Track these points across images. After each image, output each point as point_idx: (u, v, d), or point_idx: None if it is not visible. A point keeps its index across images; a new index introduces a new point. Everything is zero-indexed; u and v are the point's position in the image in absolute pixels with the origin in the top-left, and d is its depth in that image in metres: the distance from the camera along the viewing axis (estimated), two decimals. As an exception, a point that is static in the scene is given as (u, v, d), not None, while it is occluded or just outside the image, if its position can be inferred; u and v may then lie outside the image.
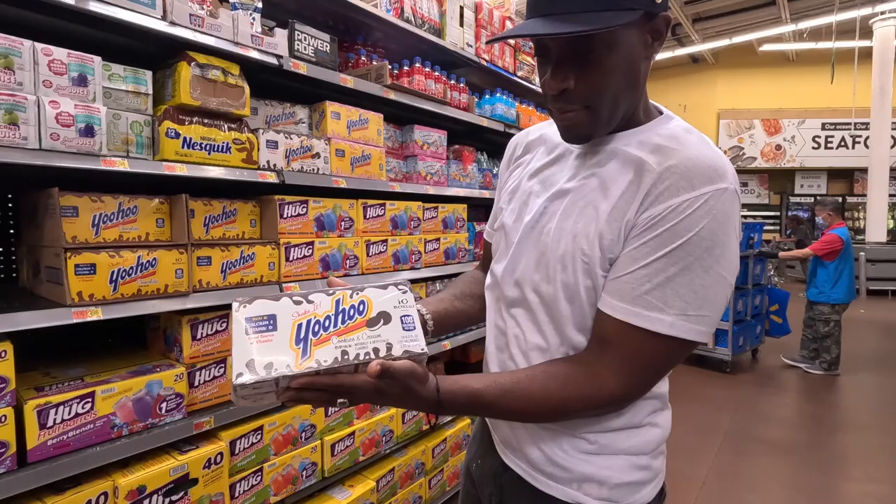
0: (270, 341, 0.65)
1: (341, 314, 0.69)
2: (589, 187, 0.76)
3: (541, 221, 0.81)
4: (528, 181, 0.88)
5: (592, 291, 0.74)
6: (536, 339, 0.81)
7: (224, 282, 1.48)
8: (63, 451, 1.19)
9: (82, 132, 1.15)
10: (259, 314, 0.66)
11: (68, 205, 1.24)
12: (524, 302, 0.82)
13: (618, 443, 0.79)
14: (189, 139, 1.37)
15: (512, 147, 0.99)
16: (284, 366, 0.63)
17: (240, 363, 0.63)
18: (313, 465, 1.74)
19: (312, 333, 0.67)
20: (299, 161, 1.66)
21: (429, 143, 2.23)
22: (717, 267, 0.68)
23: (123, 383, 1.28)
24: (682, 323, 0.68)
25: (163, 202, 1.42)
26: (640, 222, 0.70)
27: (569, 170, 0.82)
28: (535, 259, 0.80)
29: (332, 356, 0.65)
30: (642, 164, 0.72)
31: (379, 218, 1.97)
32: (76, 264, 1.17)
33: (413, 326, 0.70)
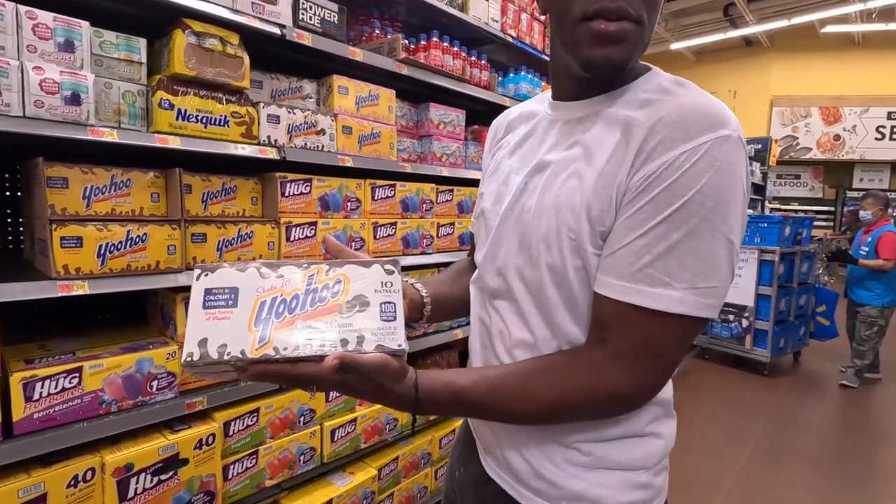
0: (227, 318, 0.57)
1: (312, 294, 0.60)
2: (572, 156, 0.68)
3: (521, 200, 0.72)
4: (508, 160, 0.80)
5: (583, 272, 0.65)
6: (522, 333, 0.72)
7: (220, 260, 1.44)
8: (50, 425, 1.18)
9: (68, 100, 1.11)
10: (220, 286, 0.59)
11: (57, 175, 1.21)
12: (508, 292, 0.74)
13: (615, 455, 0.69)
14: (184, 111, 1.32)
15: (493, 130, 0.91)
16: (238, 350, 0.56)
17: (192, 340, 0.56)
18: (312, 450, 1.71)
19: (275, 315, 0.58)
20: (303, 137, 1.59)
21: (445, 122, 2.13)
22: (723, 228, 0.58)
23: (113, 359, 1.26)
24: (692, 297, 0.58)
25: (158, 176, 1.38)
26: (633, 185, 0.60)
27: (549, 141, 0.73)
28: (516, 242, 0.72)
29: (293, 344, 0.57)
30: (629, 121, 0.63)
31: (388, 199, 1.89)
32: (62, 237, 1.15)
33: (393, 316, 0.61)
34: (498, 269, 0.76)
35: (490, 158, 0.88)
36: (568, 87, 0.73)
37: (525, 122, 0.82)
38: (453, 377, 0.66)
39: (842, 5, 9.04)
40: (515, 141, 0.81)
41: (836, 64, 11.22)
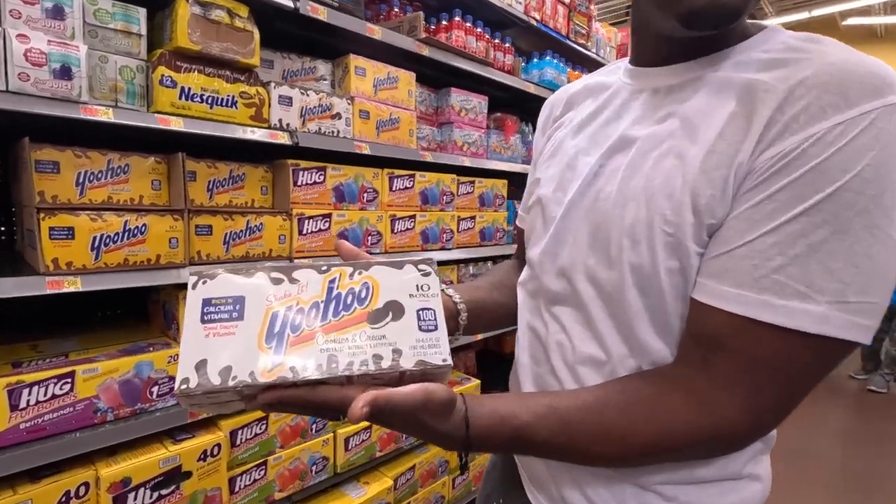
0: (233, 334, 0.47)
1: (334, 301, 0.50)
2: (665, 131, 0.55)
3: (595, 185, 0.61)
4: (572, 139, 0.68)
5: (679, 276, 0.52)
6: (590, 347, 0.60)
7: (227, 254, 1.32)
8: (38, 436, 1.07)
9: (57, 74, 0.99)
10: (222, 295, 0.48)
11: (47, 159, 1.09)
12: (573, 296, 0.62)
13: (704, 501, 0.57)
14: (187, 89, 1.19)
15: (548, 108, 0.79)
16: (247, 373, 0.45)
17: (187, 363, 0.46)
18: (324, 459, 1.59)
19: (291, 328, 0.48)
20: (317, 121, 1.46)
21: (467, 108, 1.99)
22: (886, 225, 0.44)
23: (109, 363, 1.14)
24: (839, 314, 0.44)
25: (159, 161, 1.26)
26: (761, 166, 0.47)
27: (631, 114, 0.61)
28: (587, 236, 0.60)
29: (315, 363, 0.46)
30: (752, 85, 0.50)
31: (407, 191, 1.76)
32: (51, 227, 1.03)
33: (434, 325, 0.51)
34: (561, 268, 0.63)
35: (545, 140, 0.76)
36: (656, 50, 0.59)
37: (593, 96, 0.69)
38: (513, 408, 0.54)
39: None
40: (581, 118, 0.69)
41: (856, 58, 10.92)
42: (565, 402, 0.54)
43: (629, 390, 0.53)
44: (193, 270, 0.51)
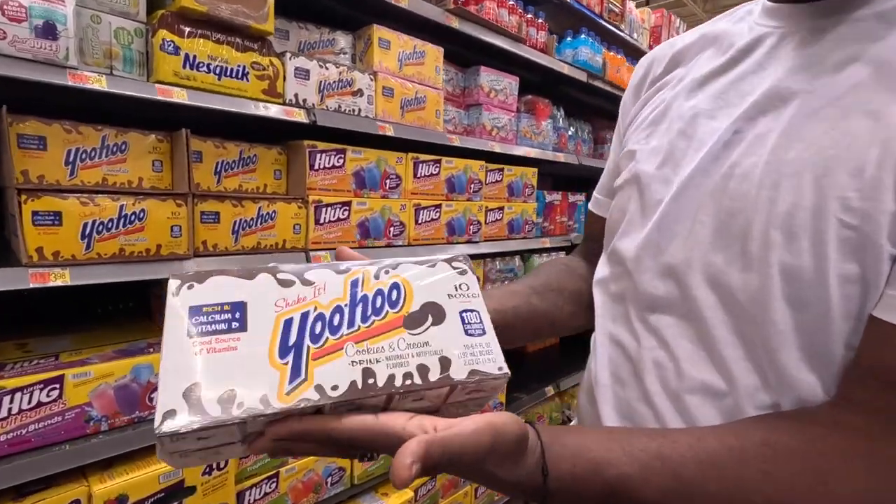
0: (234, 349, 0.36)
1: (361, 304, 0.40)
2: (848, 81, 0.41)
3: (726, 157, 0.46)
4: (686, 100, 0.54)
5: (857, 287, 0.38)
6: (704, 372, 0.46)
7: (236, 245, 1.17)
8: (23, 449, 0.94)
9: (39, 31, 0.85)
10: (215, 301, 0.37)
11: (32, 133, 0.95)
12: (682, 304, 0.49)
13: None
14: (192, 57, 1.05)
15: (645, 65, 0.64)
16: (257, 397, 0.34)
17: (171, 391, 0.33)
18: (340, 470, 1.45)
19: (311, 338, 0.37)
20: (336, 98, 1.31)
21: (497, 89, 1.83)
22: None
23: (103, 367, 1.01)
24: None
25: (161, 139, 1.12)
26: None
27: (782, 64, 0.46)
28: (712, 226, 0.47)
29: (347, 379, 0.36)
30: None
31: (433, 177, 1.61)
32: (34, 211, 0.89)
33: (482, 329, 0.42)
34: (667, 267, 0.50)
35: (639, 106, 0.62)
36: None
37: (714, 46, 0.55)
38: (607, 452, 0.40)
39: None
40: (699, 74, 0.54)
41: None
42: (680, 448, 0.40)
43: (778, 444, 0.39)
44: (174, 274, 0.38)
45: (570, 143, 2.30)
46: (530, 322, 0.63)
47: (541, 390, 2.10)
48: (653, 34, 2.95)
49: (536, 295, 0.65)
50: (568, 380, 2.22)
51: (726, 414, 0.45)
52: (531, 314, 0.63)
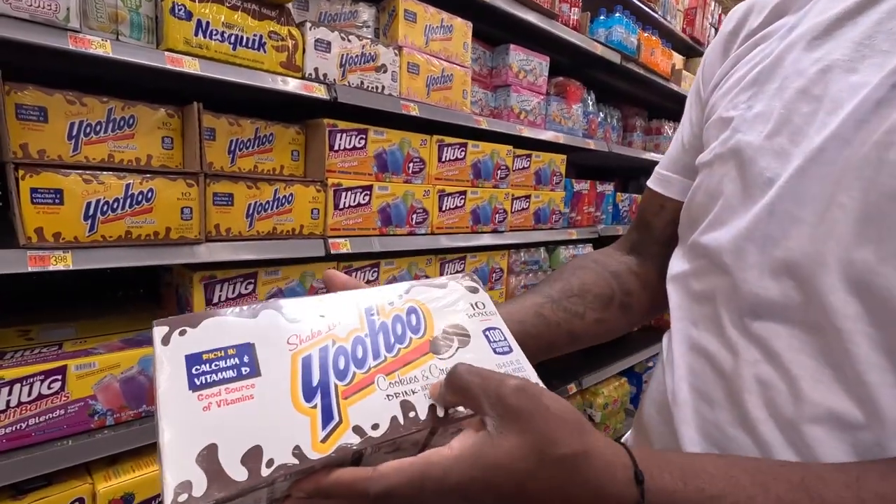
0: (250, 398, 0.31)
1: (382, 333, 0.37)
2: None
3: (879, 121, 0.36)
4: (808, 51, 0.43)
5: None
6: (834, 399, 0.37)
7: (250, 230, 1.09)
8: (22, 444, 0.88)
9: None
10: (216, 346, 0.33)
11: (32, 104, 0.87)
12: (805, 310, 0.39)
13: None
14: (205, 24, 0.96)
15: (739, 14, 0.53)
16: (289, 450, 0.29)
17: (182, 459, 0.28)
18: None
19: (336, 374, 0.34)
20: (358, 74, 1.22)
21: (527, 70, 1.72)
22: None
23: (108, 357, 0.94)
24: None
25: (171, 114, 1.04)
26: None
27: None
28: (859, 209, 0.37)
29: (387, 416, 0.33)
30: None
31: (458, 162, 1.51)
32: (33, 188, 0.82)
33: (508, 347, 0.40)
34: (785, 263, 0.40)
35: (731, 63, 0.51)
36: None
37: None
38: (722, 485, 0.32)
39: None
40: (823, 18, 0.43)
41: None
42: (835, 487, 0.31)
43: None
44: (158, 320, 0.33)
45: (599, 130, 2.18)
46: (540, 338, 0.55)
47: (562, 388, 2.01)
48: (686, 17, 2.80)
49: (551, 304, 0.57)
50: (590, 377, 2.13)
51: (861, 453, 0.36)
52: (541, 328, 0.55)
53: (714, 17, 3.07)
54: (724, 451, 0.44)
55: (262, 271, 1.16)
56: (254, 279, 1.15)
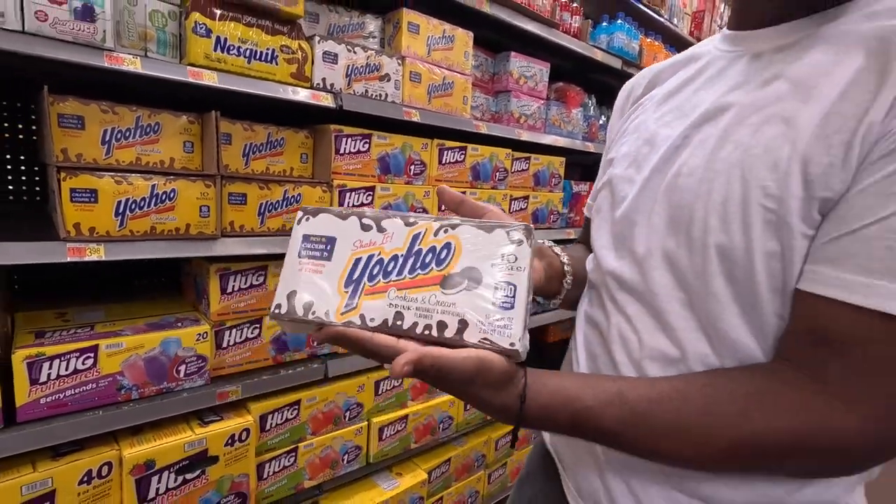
0: (320, 272, 0.50)
1: (413, 258, 0.48)
2: (771, 95, 0.49)
3: (676, 158, 0.55)
4: (653, 113, 0.63)
5: (778, 262, 0.46)
6: (660, 342, 0.54)
7: (262, 226, 1.20)
8: (59, 412, 1.00)
9: (79, 14, 0.87)
10: (318, 233, 0.51)
11: (71, 113, 0.99)
12: (643, 284, 0.56)
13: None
14: (223, 40, 1.06)
15: (628, 88, 0.74)
16: (324, 311, 0.48)
17: (282, 291, 0.50)
18: (357, 448, 1.49)
19: (368, 277, 0.49)
20: (363, 83, 1.32)
21: (527, 76, 1.79)
22: None
23: (134, 339, 1.06)
24: None
25: (192, 121, 1.14)
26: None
27: (728, 81, 0.55)
28: (666, 216, 0.54)
29: (382, 316, 0.47)
30: (886, 34, 0.44)
31: (457, 164, 1.60)
32: (72, 188, 0.93)
33: (511, 304, 0.45)
34: (631, 253, 0.58)
35: (622, 122, 0.71)
36: (761, 10, 0.54)
37: (683, 68, 0.64)
38: (578, 390, 0.49)
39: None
40: (666, 91, 0.63)
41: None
42: (639, 390, 0.48)
43: (717, 386, 0.47)
44: (303, 207, 0.53)
45: (600, 133, 2.24)
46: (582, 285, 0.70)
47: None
48: (694, 20, 2.83)
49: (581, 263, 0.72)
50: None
51: None
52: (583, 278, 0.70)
53: (723, 18, 3.09)
54: None
55: (272, 264, 1.26)
56: (264, 271, 1.25)
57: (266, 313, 1.28)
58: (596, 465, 0.59)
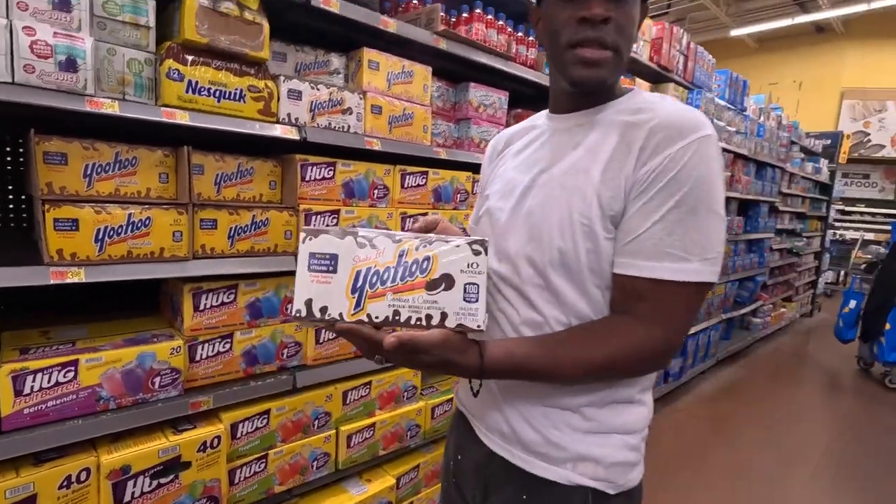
0: (329, 283, 0.65)
1: (402, 268, 0.66)
2: (576, 156, 0.79)
3: (529, 196, 0.82)
4: (511, 166, 0.90)
5: (594, 255, 0.74)
6: (529, 313, 0.80)
7: (231, 249, 1.31)
8: (42, 421, 1.09)
9: (63, 66, 1.00)
10: (322, 251, 0.66)
11: (55, 151, 1.10)
12: (515, 276, 0.81)
13: (612, 419, 0.79)
14: (194, 83, 1.19)
15: (493, 145, 1.01)
16: (337, 313, 0.65)
17: (299, 299, 0.65)
18: (326, 455, 1.59)
19: (369, 285, 0.66)
20: (326, 116, 1.44)
21: (486, 104, 1.93)
22: (716, 207, 0.71)
23: (112, 353, 1.16)
24: (704, 267, 0.71)
25: (167, 154, 1.26)
26: (642, 177, 0.71)
27: (551, 148, 0.84)
28: (526, 232, 0.80)
29: (384, 314, 0.65)
30: (628, 125, 0.75)
31: (419, 188, 1.73)
32: (55, 218, 1.04)
33: (476, 298, 0.67)
34: (506, 256, 0.82)
35: (491, 169, 0.97)
36: (564, 103, 0.84)
37: (526, 134, 0.91)
38: (513, 348, 0.74)
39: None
40: (517, 149, 0.91)
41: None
42: (548, 339, 0.75)
43: (587, 328, 0.75)
44: (304, 228, 0.66)
45: (562, 154, 2.38)
46: None
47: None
48: (653, 46, 3.01)
49: None
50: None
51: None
52: None
53: (682, 44, 3.28)
54: None
55: (242, 283, 1.37)
56: (234, 290, 1.36)
57: (237, 328, 1.38)
58: (495, 404, 0.84)
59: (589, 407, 0.78)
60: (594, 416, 0.78)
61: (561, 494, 0.78)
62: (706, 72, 3.61)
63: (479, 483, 0.88)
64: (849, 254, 8.70)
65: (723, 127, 3.66)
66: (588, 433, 0.78)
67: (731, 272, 4.19)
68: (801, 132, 5.95)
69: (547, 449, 0.79)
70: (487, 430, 0.86)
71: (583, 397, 0.78)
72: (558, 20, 0.74)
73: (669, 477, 2.59)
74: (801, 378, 4.36)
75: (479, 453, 0.88)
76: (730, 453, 2.91)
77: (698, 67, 3.48)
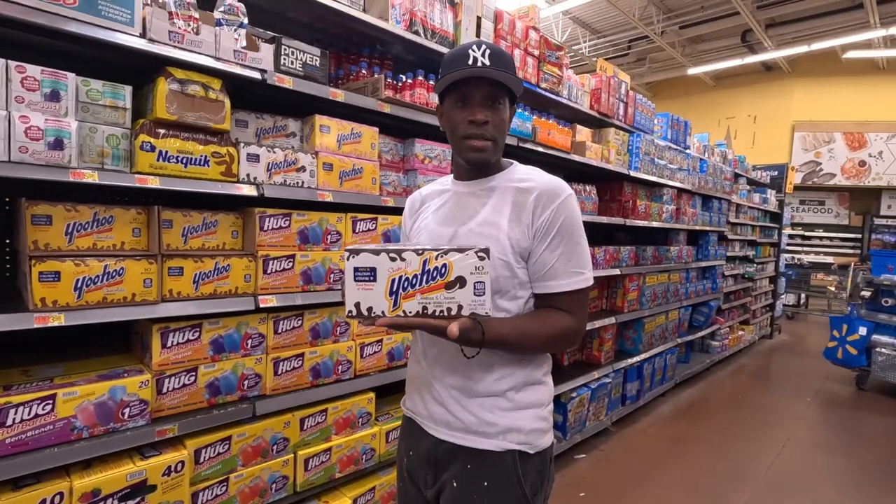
0: (371, 290, 0.87)
1: (426, 274, 0.86)
2: (485, 213, 1.07)
3: (455, 243, 1.06)
4: (433, 220, 1.15)
5: (513, 279, 1.04)
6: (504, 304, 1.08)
7: (196, 292, 1.50)
8: (21, 450, 1.24)
9: (51, 145, 1.20)
10: (363, 265, 0.86)
11: (42, 213, 1.30)
12: None
13: (527, 398, 1.07)
14: (164, 152, 1.40)
15: (411, 203, 1.26)
16: (381, 311, 0.87)
17: (350, 302, 0.87)
18: (284, 478, 1.73)
19: (402, 289, 0.87)
20: (282, 174, 1.67)
21: (431, 157, 2.18)
22: (583, 238, 1.07)
23: (86, 387, 1.32)
24: (589, 274, 1.06)
25: (140, 212, 1.46)
26: (540, 227, 1.03)
27: (462, 207, 1.11)
28: None
29: (415, 310, 0.87)
30: (519, 190, 1.06)
31: (370, 232, 1.95)
32: (40, 272, 1.22)
33: (483, 292, 0.87)
34: None
35: (412, 222, 1.23)
36: (465, 173, 1.14)
37: (438, 196, 1.18)
38: (501, 326, 0.99)
39: (863, 31, 8.91)
40: (435, 207, 1.17)
41: (860, 89, 10.99)
42: (519, 322, 1.02)
43: (537, 315, 1.05)
44: (347, 248, 0.87)
45: (507, 196, 2.64)
46: None
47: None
48: (593, 96, 3.33)
49: None
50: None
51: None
52: None
53: (621, 92, 3.63)
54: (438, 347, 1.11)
55: (206, 322, 1.56)
56: (199, 328, 1.54)
57: (201, 363, 1.55)
58: (435, 398, 1.08)
59: (511, 391, 1.05)
60: (514, 398, 1.05)
61: (495, 459, 1.04)
62: (646, 115, 3.96)
63: (430, 467, 1.11)
64: (808, 277, 9.12)
65: (665, 165, 3.99)
66: (512, 410, 1.05)
67: (684, 298, 4.46)
68: (746, 165, 6.39)
69: (483, 428, 1.04)
70: (435, 424, 1.10)
71: (506, 383, 1.05)
72: (455, 119, 1.03)
73: (620, 497, 2.75)
74: (755, 397, 4.59)
75: (428, 444, 1.10)
76: (683, 472, 3.09)
77: (638, 112, 3.83)
